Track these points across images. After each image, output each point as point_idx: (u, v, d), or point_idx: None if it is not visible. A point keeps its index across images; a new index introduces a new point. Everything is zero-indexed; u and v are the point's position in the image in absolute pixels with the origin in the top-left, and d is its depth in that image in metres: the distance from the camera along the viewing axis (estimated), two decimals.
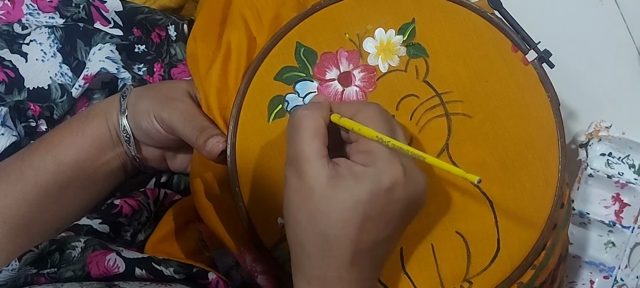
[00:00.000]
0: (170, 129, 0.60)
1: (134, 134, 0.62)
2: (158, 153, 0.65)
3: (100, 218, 0.62)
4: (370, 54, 0.61)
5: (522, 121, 0.60)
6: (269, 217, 0.58)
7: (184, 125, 0.59)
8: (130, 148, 0.62)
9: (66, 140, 0.61)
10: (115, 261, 0.56)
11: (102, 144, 0.62)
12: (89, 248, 0.56)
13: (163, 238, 0.65)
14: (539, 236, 0.59)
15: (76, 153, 0.61)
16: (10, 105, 0.65)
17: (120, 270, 0.56)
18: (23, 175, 0.59)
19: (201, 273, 0.59)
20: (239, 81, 0.61)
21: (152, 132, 0.61)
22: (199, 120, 0.60)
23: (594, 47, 0.88)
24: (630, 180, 0.82)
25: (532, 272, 0.60)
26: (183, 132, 0.59)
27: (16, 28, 0.69)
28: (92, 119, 0.62)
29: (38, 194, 0.59)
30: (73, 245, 0.56)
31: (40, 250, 0.55)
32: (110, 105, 0.63)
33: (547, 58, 0.60)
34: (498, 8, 0.62)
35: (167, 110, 0.60)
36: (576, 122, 0.87)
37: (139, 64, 0.71)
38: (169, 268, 0.58)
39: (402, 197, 0.49)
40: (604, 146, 0.83)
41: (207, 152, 0.58)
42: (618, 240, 0.84)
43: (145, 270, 0.56)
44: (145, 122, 0.60)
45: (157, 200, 0.68)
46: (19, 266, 0.55)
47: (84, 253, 0.55)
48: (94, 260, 0.55)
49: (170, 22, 0.73)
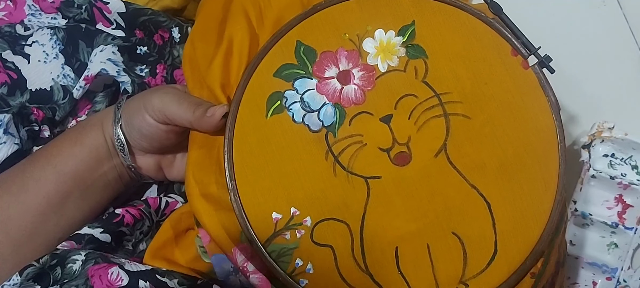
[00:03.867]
0: (164, 114, 0.60)
1: (128, 140, 0.62)
2: (153, 162, 0.65)
3: (101, 228, 0.62)
4: (370, 53, 0.61)
5: (521, 124, 0.60)
6: (263, 211, 0.59)
7: (178, 104, 0.60)
8: (125, 157, 0.62)
9: (65, 150, 0.62)
10: (118, 274, 0.55)
11: (100, 155, 0.62)
12: (90, 261, 0.56)
13: (163, 245, 0.65)
14: (538, 241, 0.59)
15: (75, 163, 0.61)
16: (13, 111, 0.66)
17: (124, 283, 0.55)
18: (25, 186, 0.60)
19: (205, 285, 0.59)
20: (240, 77, 0.61)
21: (144, 127, 0.61)
22: (192, 98, 0.61)
23: (597, 48, 0.88)
24: (633, 181, 0.82)
25: (532, 281, 0.59)
26: (177, 111, 0.59)
27: (18, 29, 0.69)
28: (89, 130, 0.63)
29: (40, 204, 0.60)
30: (74, 258, 0.56)
31: (41, 265, 0.56)
32: (106, 115, 0.63)
33: (547, 63, 0.60)
34: (498, 13, 0.62)
35: (158, 95, 0.61)
36: (579, 123, 0.87)
37: (141, 66, 0.71)
38: (173, 280, 0.58)
39: None
40: (606, 147, 0.83)
41: (207, 120, 0.58)
42: (621, 241, 0.83)
43: (149, 282, 0.56)
44: (137, 118, 0.61)
45: (159, 209, 0.68)
46: (21, 281, 0.55)
47: (84, 266, 0.55)
48: (96, 274, 0.55)
49: (175, 25, 0.73)
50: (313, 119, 0.60)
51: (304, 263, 0.58)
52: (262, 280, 0.59)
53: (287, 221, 0.59)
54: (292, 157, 0.59)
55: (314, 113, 0.60)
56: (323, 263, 0.58)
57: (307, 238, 0.58)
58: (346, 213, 0.58)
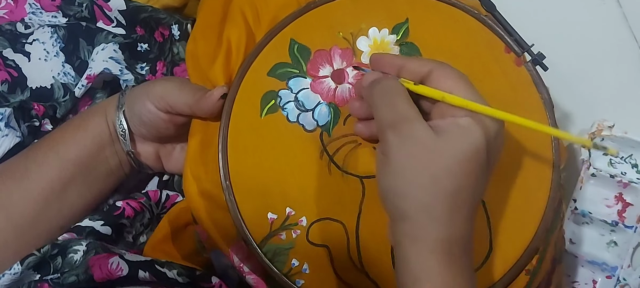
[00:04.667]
0: (165, 101, 0.60)
1: (129, 126, 0.63)
2: (152, 150, 0.66)
3: (102, 220, 0.62)
4: (364, 52, 0.61)
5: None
6: (259, 212, 0.59)
7: (180, 90, 0.60)
8: (125, 142, 0.63)
9: (68, 137, 0.62)
10: (118, 264, 0.56)
11: (102, 141, 0.63)
12: (91, 252, 0.57)
13: (162, 239, 0.65)
14: (532, 238, 0.59)
15: (78, 149, 0.62)
16: (14, 105, 0.66)
17: (123, 273, 0.56)
18: (28, 172, 0.60)
19: (204, 276, 0.60)
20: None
21: (144, 113, 0.61)
22: (193, 85, 0.61)
23: (596, 47, 0.88)
24: (632, 180, 0.82)
25: (526, 278, 0.59)
26: (179, 97, 0.60)
27: (19, 27, 0.69)
28: (92, 116, 0.63)
29: (43, 190, 0.60)
30: (75, 248, 0.57)
31: (42, 254, 0.56)
32: (110, 102, 0.64)
33: (541, 60, 0.60)
34: (491, 11, 0.62)
35: (161, 82, 0.61)
36: (578, 122, 0.86)
37: (142, 63, 0.72)
38: (172, 271, 0.58)
39: (502, 141, 0.50)
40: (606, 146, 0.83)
41: (206, 100, 0.59)
42: (621, 240, 0.83)
43: (148, 272, 0.57)
44: (139, 104, 0.61)
45: (159, 202, 0.69)
46: (21, 270, 0.55)
47: (86, 257, 0.56)
48: (96, 263, 0.56)
49: (175, 22, 0.74)
50: (307, 118, 0.60)
51: (300, 263, 0.58)
52: (258, 281, 0.60)
53: (282, 221, 0.59)
54: (287, 157, 0.59)
55: (308, 112, 0.60)
56: (319, 263, 0.59)
57: (302, 238, 0.59)
58: (341, 212, 0.58)
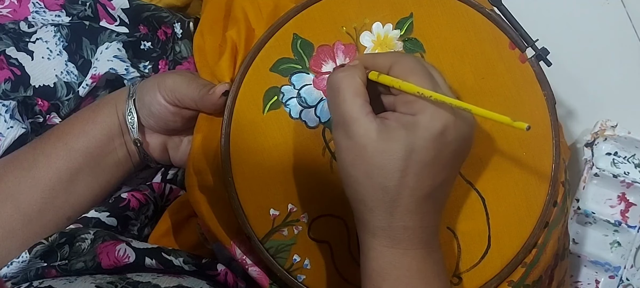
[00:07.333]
0: (174, 95, 0.61)
1: (138, 116, 0.63)
2: (160, 141, 0.66)
3: (108, 212, 0.63)
4: (367, 47, 0.61)
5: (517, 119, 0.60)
6: (261, 207, 0.59)
7: (188, 85, 0.61)
8: (133, 132, 0.63)
9: (77, 127, 0.63)
10: (125, 251, 0.57)
11: (111, 132, 0.63)
12: (99, 240, 0.57)
13: (166, 232, 0.66)
14: (530, 234, 0.59)
15: (87, 140, 0.62)
16: (18, 99, 0.66)
17: (131, 260, 0.57)
18: (36, 161, 0.61)
19: (210, 264, 0.60)
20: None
21: (154, 105, 0.62)
22: (201, 81, 0.62)
23: (600, 46, 0.88)
24: (636, 180, 0.82)
25: (522, 270, 0.60)
26: (186, 92, 0.60)
27: (22, 26, 0.69)
28: (102, 107, 0.64)
29: (51, 180, 0.61)
30: (83, 237, 0.58)
31: (50, 243, 0.57)
32: (121, 94, 0.65)
33: (545, 56, 0.60)
34: (497, 4, 0.61)
35: (172, 75, 0.62)
36: (582, 121, 0.86)
37: (145, 62, 0.72)
38: (179, 258, 0.59)
39: (454, 138, 0.50)
40: (609, 145, 0.83)
41: (208, 97, 0.59)
42: (624, 240, 0.83)
43: (155, 259, 0.58)
44: (149, 95, 0.62)
45: (163, 194, 0.69)
46: (29, 258, 0.56)
47: (93, 245, 0.57)
48: (104, 250, 0.56)
49: (177, 20, 0.74)
50: (310, 114, 0.60)
51: (301, 259, 0.59)
52: (261, 274, 0.60)
53: (284, 217, 0.59)
54: (289, 153, 0.59)
55: (311, 109, 0.60)
56: (320, 259, 0.59)
57: (304, 235, 0.59)
58: (342, 209, 0.58)
